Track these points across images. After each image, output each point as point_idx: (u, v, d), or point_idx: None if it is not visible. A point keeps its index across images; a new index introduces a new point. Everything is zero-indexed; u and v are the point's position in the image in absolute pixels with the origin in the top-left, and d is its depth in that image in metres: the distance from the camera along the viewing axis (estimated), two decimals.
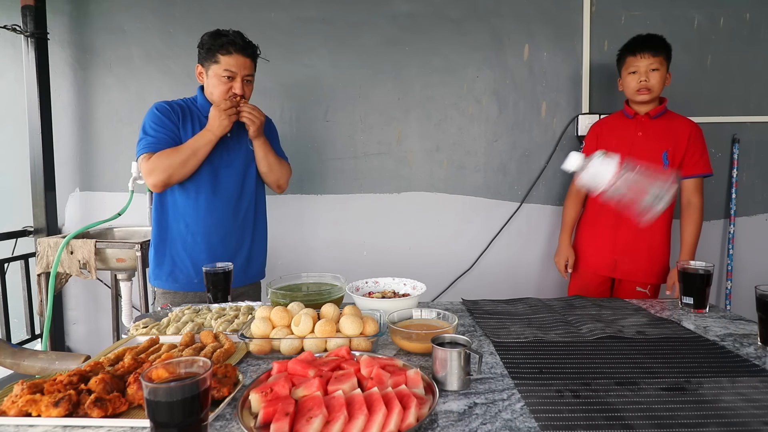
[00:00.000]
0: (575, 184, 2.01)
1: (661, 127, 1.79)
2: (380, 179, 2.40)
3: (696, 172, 1.78)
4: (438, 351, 0.84)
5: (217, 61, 1.51)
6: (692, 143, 1.77)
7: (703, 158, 1.79)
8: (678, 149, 1.77)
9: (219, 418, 0.74)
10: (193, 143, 1.49)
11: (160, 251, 1.58)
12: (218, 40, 1.50)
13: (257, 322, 1.01)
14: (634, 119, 1.83)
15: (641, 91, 1.75)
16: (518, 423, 0.72)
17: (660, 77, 1.74)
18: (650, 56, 1.73)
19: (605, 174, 1.13)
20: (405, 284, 1.37)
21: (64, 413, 0.72)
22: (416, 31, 2.33)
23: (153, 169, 1.46)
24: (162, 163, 1.46)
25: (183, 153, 1.48)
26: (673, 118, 1.81)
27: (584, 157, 1.20)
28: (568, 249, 2.00)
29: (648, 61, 1.73)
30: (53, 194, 2.39)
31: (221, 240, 1.60)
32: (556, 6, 2.29)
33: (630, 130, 1.83)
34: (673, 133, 1.77)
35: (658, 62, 1.74)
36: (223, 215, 1.59)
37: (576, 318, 1.23)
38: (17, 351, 1.05)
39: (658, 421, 0.73)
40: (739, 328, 1.17)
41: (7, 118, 2.46)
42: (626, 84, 1.81)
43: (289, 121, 2.38)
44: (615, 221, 1.83)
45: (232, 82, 1.53)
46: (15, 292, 2.29)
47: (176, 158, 1.47)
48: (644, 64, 1.74)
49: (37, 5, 2.27)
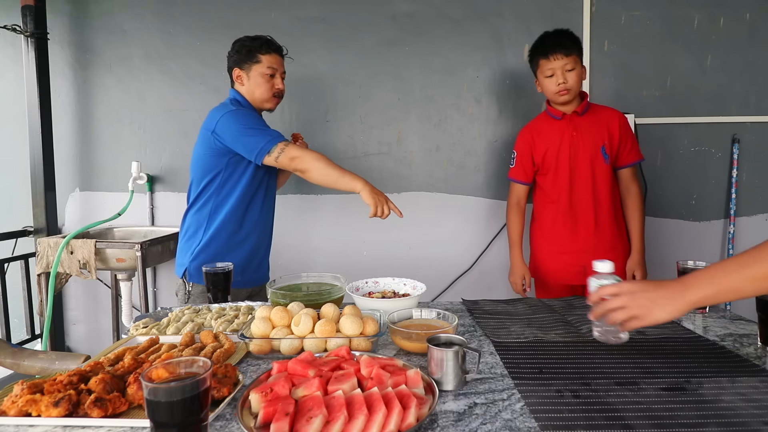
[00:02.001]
0: (514, 196, 1.93)
1: (592, 121, 1.77)
2: (380, 179, 2.40)
3: (631, 160, 1.79)
4: (434, 351, 0.84)
5: (258, 61, 1.63)
6: (623, 132, 1.76)
7: (635, 145, 1.80)
8: (613, 140, 1.76)
9: (219, 418, 0.74)
10: (343, 174, 1.51)
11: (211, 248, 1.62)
12: (257, 41, 1.64)
13: (257, 322, 1.01)
14: (563, 119, 1.78)
15: (561, 92, 1.71)
16: (518, 423, 0.72)
17: (576, 75, 1.70)
18: (563, 56, 1.68)
19: None
20: (405, 284, 1.37)
21: (64, 413, 0.72)
22: (416, 31, 2.33)
23: (301, 158, 1.50)
24: (313, 159, 1.51)
25: (332, 169, 1.51)
26: (599, 110, 1.80)
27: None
28: (523, 267, 1.92)
29: (562, 62, 1.69)
30: (53, 194, 2.39)
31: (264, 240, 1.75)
32: (556, 6, 2.29)
33: (563, 131, 1.78)
34: (604, 125, 1.76)
35: (572, 61, 1.69)
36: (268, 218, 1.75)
37: (576, 318, 1.23)
38: (17, 351, 1.05)
39: (658, 421, 0.73)
40: (739, 328, 1.17)
41: (7, 118, 2.46)
42: (545, 87, 1.76)
43: (289, 121, 2.38)
44: (571, 228, 1.78)
45: (273, 79, 1.66)
46: (15, 292, 2.29)
47: (325, 165, 1.51)
48: (559, 66, 1.69)
49: (37, 5, 2.27)
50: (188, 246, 1.65)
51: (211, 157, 1.59)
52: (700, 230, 2.31)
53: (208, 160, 1.60)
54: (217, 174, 1.60)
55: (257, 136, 1.52)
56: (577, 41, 1.73)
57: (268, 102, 1.68)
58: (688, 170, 2.29)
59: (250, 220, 1.67)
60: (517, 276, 1.92)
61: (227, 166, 1.59)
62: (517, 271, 1.92)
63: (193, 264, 1.62)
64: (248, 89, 1.66)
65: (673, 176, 2.29)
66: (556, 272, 1.83)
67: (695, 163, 2.29)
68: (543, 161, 1.82)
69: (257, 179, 1.65)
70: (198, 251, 1.62)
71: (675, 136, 2.27)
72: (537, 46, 1.76)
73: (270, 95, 1.66)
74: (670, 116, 2.26)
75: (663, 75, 2.27)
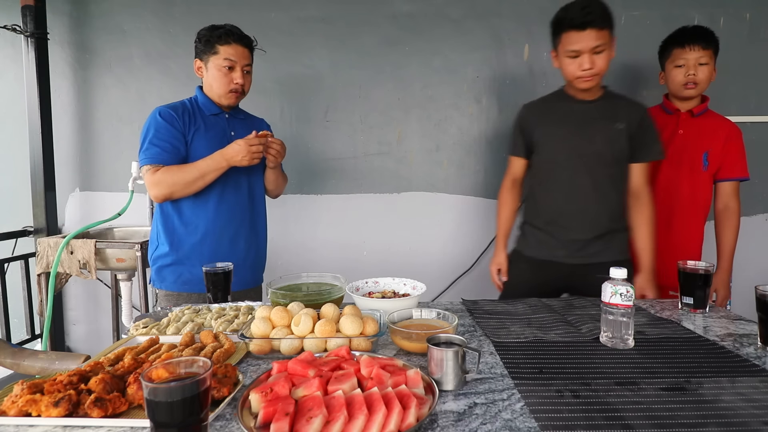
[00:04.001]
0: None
1: (703, 126, 1.71)
2: (380, 179, 2.40)
3: (735, 175, 1.72)
4: (434, 351, 0.84)
5: (216, 52, 1.54)
6: (732, 144, 1.70)
7: (742, 161, 1.73)
8: (718, 150, 1.69)
9: (219, 418, 0.74)
10: (204, 166, 1.49)
11: (166, 254, 1.58)
12: (216, 32, 1.55)
13: (257, 322, 1.01)
14: (675, 115, 1.74)
15: (689, 85, 1.65)
16: (518, 423, 0.72)
17: (708, 72, 1.65)
18: (700, 49, 1.62)
19: None
20: (405, 284, 1.37)
21: (64, 413, 0.72)
22: (416, 31, 2.33)
23: (158, 183, 1.48)
24: (168, 178, 1.47)
25: (190, 173, 1.48)
26: (715, 117, 1.74)
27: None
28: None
29: (698, 53, 1.62)
30: (53, 194, 2.39)
31: (230, 243, 1.62)
32: (556, 6, 2.27)
33: (670, 126, 1.74)
34: (714, 133, 1.70)
35: (707, 56, 1.63)
36: (229, 222, 1.61)
37: (576, 318, 1.23)
38: (17, 351, 1.05)
39: (658, 421, 0.73)
40: (739, 328, 1.17)
41: (7, 118, 2.46)
42: (671, 77, 1.68)
43: (289, 121, 2.38)
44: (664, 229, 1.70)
45: (232, 72, 1.55)
46: (15, 292, 2.29)
47: (183, 177, 1.48)
48: (693, 57, 1.62)
49: (37, 5, 2.27)
50: (150, 251, 1.64)
51: None
52: None
53: None
54: None
55: (145, 150, 1.50)
56: (717, 41, 1.66)
57: (225, 98, 1.57)
58: None
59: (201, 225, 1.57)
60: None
61: None
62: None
63: (153, 268, 1.61)
64: (206, 82, 1.59)
65: None
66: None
67: None
68: None
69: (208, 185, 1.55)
70: (155, 256, 1.60)
71: None
72: (674, 35, 1.69)
73: (226, 90, 1.55)
74: None
75: None
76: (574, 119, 1.58)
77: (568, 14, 1.47)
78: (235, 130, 1.62)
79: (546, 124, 1.63)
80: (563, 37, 1.49)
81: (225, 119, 1.63)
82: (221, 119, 1.63)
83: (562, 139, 1.59)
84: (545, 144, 1.63)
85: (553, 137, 1.61)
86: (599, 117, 1.57)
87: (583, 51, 1.45)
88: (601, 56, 1.46)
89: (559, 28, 1.51)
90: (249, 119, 1.74)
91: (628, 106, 1.59)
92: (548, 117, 1.63)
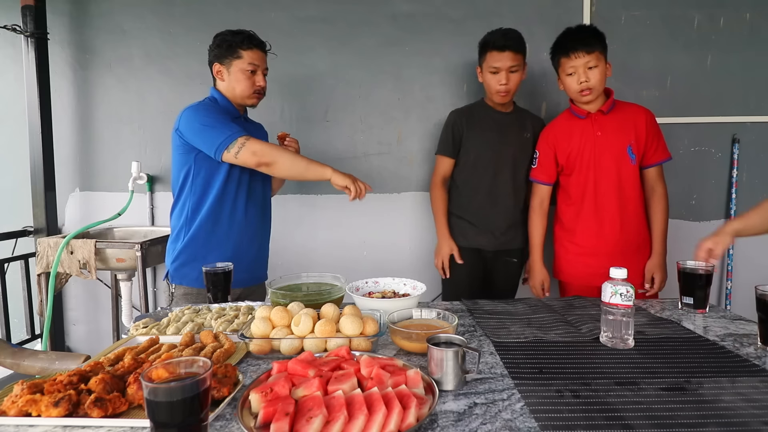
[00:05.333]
0: (537, 197, 1.86)
1: (618, 120, 1.71)
2: (380, 179, 2.40)
3: (658, 159, 1.73)
4: (434, 351, 0.84)
5: (239, 56, 1.59)
6: (650, 130, 1.70)
7: (662, 143, 1.73)
8: (639, 139, 1.70)
9: (219, 418, 0.74)
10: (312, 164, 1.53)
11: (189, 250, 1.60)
12: (238, 36, 1.59)
13: (257, 322, 1.01)
14: (588, 118, 1.73)
15: (584, 92, 1.65)
16: (518, 423, 0.72)
17: (599, 73, 1.64)
18: (585, 54, 1.62)
19: None
20: (405, 284, 1.37)
21: (64, 413, 0.72)
22: (416, 31, 2.33)
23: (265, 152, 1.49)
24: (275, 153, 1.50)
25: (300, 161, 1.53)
26: (624, 107, 1.73)
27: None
28: (543, 271, 1.87)
29: (584, 59, 1.62)
30: (53, 194, 2.39)
31: (250, 241, 1.68)
32: (556, 6, 2.29)
33: (587, 130, 1.73)
34: (631, 124, 1.70)
35: (594, 59, 1.62)
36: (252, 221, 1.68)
37: (576, 318, 1.23)
38: (17, 351, 1.05)
39: (658, 421, 0.73)
40: (739, 328, 1.17)
41: (7, 118, 2.46)
42: (566, 86, 1.70)
43: (289, 121, 2.38)
44: (596, 230, 1.73)
45: (254, 76, 1.62)
46: (15, 292, 2.29)
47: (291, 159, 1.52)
48: (581, 63, 1.62)
49: (37, 5, 2.27)
50: (171, 248, 1.65)
51: (180, 155, 1.58)
52: (700, 230, 2.30)
53: (178, 159, 1.59)
54: (188, 172, 1.58)
55: (216, 131, 1.49)
56: (601, 37, 1.66)
57: (249, 98, 1.64)
58: (688, 170, 2.29)
59: (229, 221, 1.62)
60: (537, 280, 1.87)
61: (195, 163, 1.56)
62: (537, 275, 1.87)
63: (173, 265, 1.62)
64: (228, 85, 1.62)
65: (674, 176, 2.28)
66: (581, 274, 1.77)
67: (695, 163, 2.29)
68: (566, 161, 1.76)
69: (234, 178, 1.60)
70: (178, 252, 1.61)
71: (675, 136, 2.26)
72: (558, 42, 1.71)
73: (251, 92, 1.63)
74: (670, 116, 2.26)
75: (663, 75, 2.27)
76: (496, 126, 1.91)
77: (492, 38, 1.80)
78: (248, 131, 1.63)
79: (474, 128, 1.93)
80: (487, 56, 1.81)
81: (242, 122, 1.68)
82: (239, 122, 1.66)
83: (487, 142, 1.90)
84: (473, 146, 1.93)
85: (479, 140, 1.92)
86: (514, 126, 1.92)
87: (502, 68, 1.78)
88: (515, 75, 1.81)
89: (485, 49, 1.83)
90: (251, 123, 1.79)
91: (533, 119, 1.97)
92: (475, 123, 1.93)
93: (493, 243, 1.93)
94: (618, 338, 1.03)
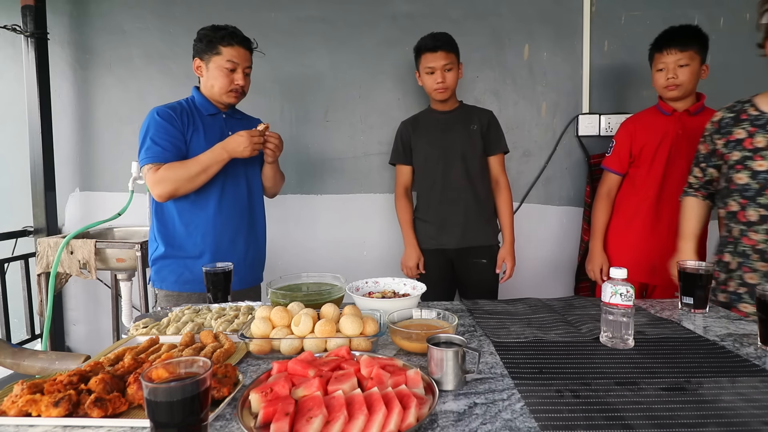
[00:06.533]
0: (606, 185, 1.93)
1: (701, 124, 1.69)
2: (380, 179, 2.40)
3: None
4: (434, 351, 0.84)
5: (219, 53, 1.55)
6: None
7: None
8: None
9: (219, 418, 0.74)
10: (205, 159, 1.49)
11: (166, 254, 1.58)
12: (219, 32, 1.55)
13: (257, 322, 1.01)
14: (672, 116, 1.77)
15: (669, 87, 1.70)
16: (518, 423, 0.72)
17: (690, 72, 1.69)
18: (677, 52, 1.67)
19: None
20: (405, 284, 1.37)
21: (64, 413, 0.72)
22: (416, 31, 2.31)
23: (160, 180, 1.46)
24: (171, 175, 1.46)
25: (192, 168, 1.48)
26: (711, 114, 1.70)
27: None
28: (603, 256, 1.92)
29: (675, 57, 1.68)
30: (53, 194, 2.39)
31: (230, 242, 1.62)
32: (556, 6, 2.29)
33: (668, 127, 1.77)
34: None
35: (687, 57, 1.67)
36: (229, 221, 1.61)
37: (576, 318, 1.23)
38: (17, 351, 1.05)
39: (658, 421, 0.73)
40: (739, 328, 1.17)
41: (7, 118, 2.46)
42: (655, 81, 1.76)
43: (289, 121, 2.38)
44: (651, 225, 1.77)
45: (233, 74, 1.57)
46: (15, 292, 2.29)
47: (186, 172, 1.47)
48: (671, 61, 1.68)
49: (37, 5, 2.27)
50: (150, 251, 1.64)
51: None
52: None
53: None
54: None
55: (145, 150, 1.49)
56: (701, 37, 1.70)
57: (226, 96, 1.58)
58: None
59: (204, 224, 1.57)
60: (596, 264, 1.93)
61: None
62: (597, 260, 1.93)
63: (153, 269, 1.61)
64: (206, 82, 1.59)
65: None
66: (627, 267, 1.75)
67: None
68: (640, 153, 1.80)
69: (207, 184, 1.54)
70: (155, 257, 1.60)
71: None
72: (656, 39, 1.76)
73: (227, 90, 1.57)
74: None
75: None
76: (440, 125, 1.97)
77: (424, 42, 1.89)
78: (233, 129, 1.61)
79: (419, 132, 2.00)
80: (422, 59, 1.88)
81: (222, 119, 1.64)
82: (218, 119, 1.63)
83: (433, 141, 1.96)
84: (421, 148, 1.98)
85: (425, 140, 1.97)
86: (458, 122, 1.96)
87: (436, 68, 1.85)
88: (450, 73, 1.87)
89: (419, 53, 1.90)
90: (246, 119, 1.75)
91: (479, 111, 1.99)
92: (420, 127, 2.01)
93: (455, 240, 1.94)
94: (618, 338, 1.03)
